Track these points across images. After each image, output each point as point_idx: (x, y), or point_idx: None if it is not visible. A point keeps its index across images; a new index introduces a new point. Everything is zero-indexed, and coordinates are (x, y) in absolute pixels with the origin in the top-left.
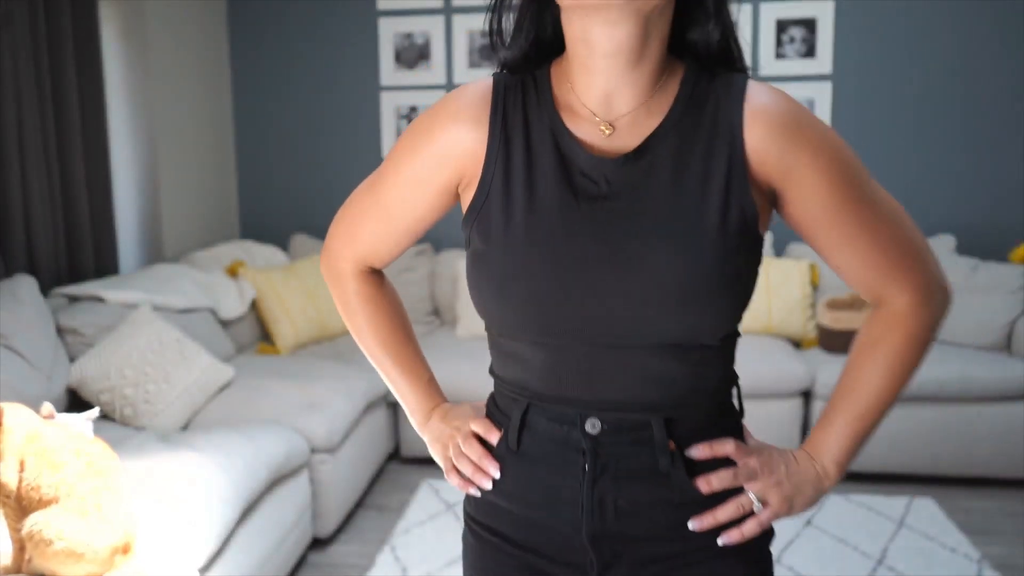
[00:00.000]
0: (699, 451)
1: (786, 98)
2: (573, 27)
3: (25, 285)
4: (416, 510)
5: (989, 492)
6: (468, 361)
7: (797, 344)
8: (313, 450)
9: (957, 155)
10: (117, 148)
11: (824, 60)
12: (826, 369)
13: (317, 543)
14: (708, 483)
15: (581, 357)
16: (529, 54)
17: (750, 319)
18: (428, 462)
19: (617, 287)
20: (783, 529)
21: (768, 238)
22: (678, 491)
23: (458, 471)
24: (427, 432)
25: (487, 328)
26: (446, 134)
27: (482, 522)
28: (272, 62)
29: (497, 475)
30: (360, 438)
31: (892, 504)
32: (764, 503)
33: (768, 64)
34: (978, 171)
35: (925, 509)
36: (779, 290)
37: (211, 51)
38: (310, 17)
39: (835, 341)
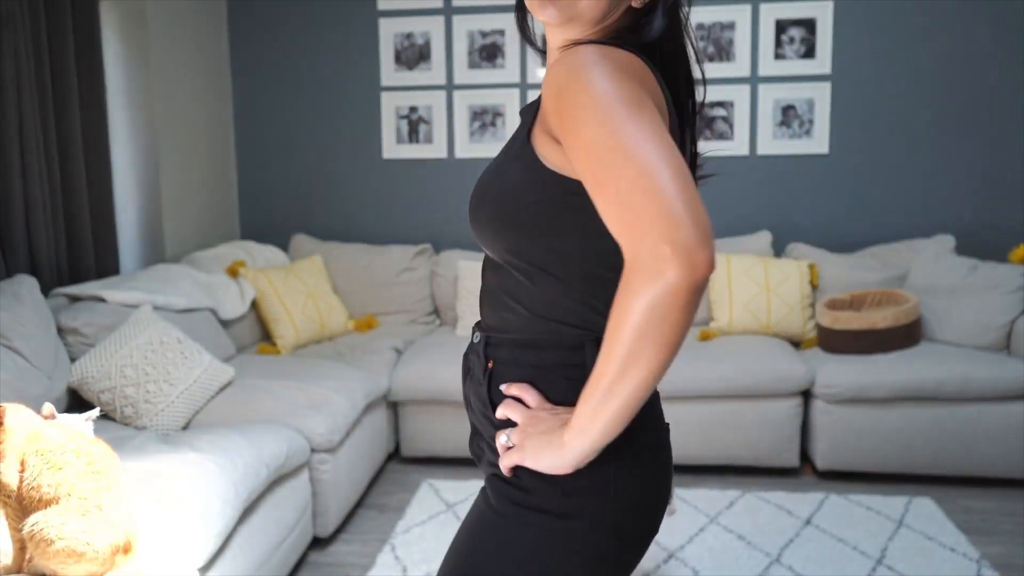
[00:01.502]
0: (507, 389)
1: (564, 52)
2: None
3: (26, 285)
4: (416, 510)
5: (988, 492)
6: None
7: (796, 344)
8: (313, 450)
9: (956, 155)
10: (117, 148)
11: (823, 60)
12: (826, 369)
13: (317, 543)
14: (497, 412)
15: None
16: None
17: (749, 319)
18: (428, 462)
19: (471, 202)
20: (782, 528)
21: (767, 238)
22: (483, 404)
23: None
24: None
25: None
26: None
27: None
28: (272, 62)
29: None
30: (360, 438)
31: (891, 504)
32: (514, 444)
33: (767, 64)
34: (977, 171)
35: (924, 509)
36: (778, 290)
37: (211, 51)
38: (310, 17)
39: (835, 341)
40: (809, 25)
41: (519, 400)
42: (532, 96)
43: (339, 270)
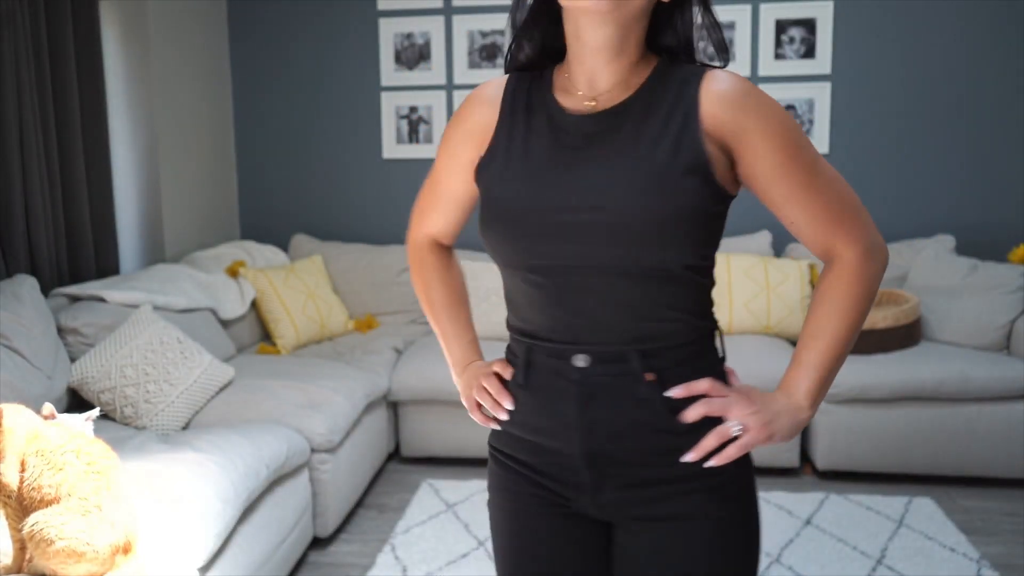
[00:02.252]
0: (676, 391)
1: (739, 77)
2: (569, 26)
3: (26, 285)
4: (416, 510)
5: (988, 492)
6: None
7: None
8: (313, 450)
9: (956, 155)
10: (118, 148)
11: (823, 60)
12: None
13: (317, 543)
14: (685, 415)
15: (565, 292)
16: (534, 59)
17: (750, 319)
18: (428, 462)
19: (576, 215)
20: (782, 528)
21: (767, 238)
22: (657, 418)
23: (480, 409)
24: (460, 381)
25: (503, 276)
26: (471, 115)
27: (502, 450)
28: (272, 62)
29: (511, 406)
30: (360, 438)
31: (891, 504)
32: (745, 430)
33: (767, 64)
34: (977, 171)
35: (924, 509)
36: (778, 290)
37: (211, 51)
38: (310, 17)
39: None
40: (809, 25)
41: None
42: None
43: (339, 270)
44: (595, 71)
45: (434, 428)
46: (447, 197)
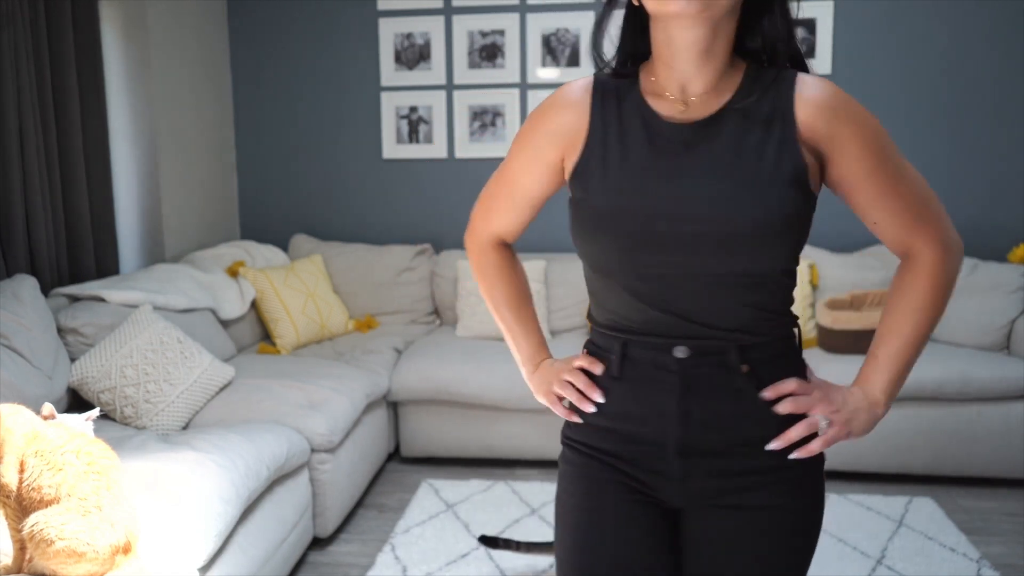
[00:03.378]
0: (767, 393)
1: (829, 84)
2: (658, 31)
3: (26, 285)
4: (416, 510)
5: (988, 492)
6: (468, 361)
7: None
8: (313, 450)
9: (956, 155)
10: (118, 148)
11: (824, 60)
12: (826, 369)
13: (317, 543)
14: (777, 407)
15: (664, 292)
16: (625, 63)
17: None
18: (428, 462)
19: (692, 224)
20: None
21: None
22: (751, 408)
23: (561, 402)
24: (534, 380)
25: (587, 275)
26: (556, 118)
27: (581, 441)
28: (272, 62)
29: (601, 399)
30: (360, 438)
31: (892, 504)
32: (828, 427)
33: None
34: (977, 171)
35: (924, 509)
36: None
37: (211, 51)
38: (310, 17)
39: (835, 341)
40: (809, 25)
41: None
42: (532, 96)
43: (339, 270)
44: (687, 75)
45: (434, 428)
46: (521, 196)
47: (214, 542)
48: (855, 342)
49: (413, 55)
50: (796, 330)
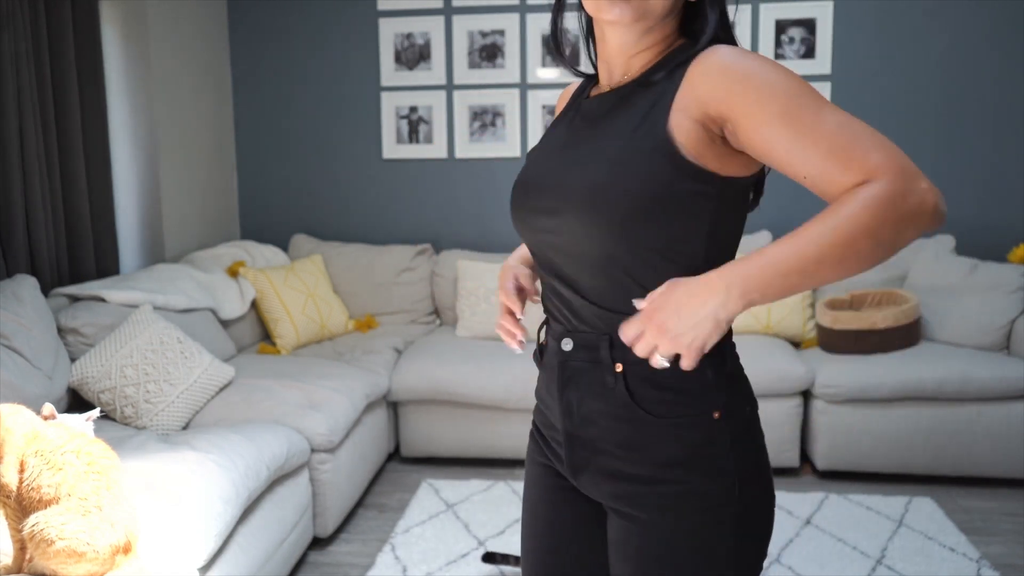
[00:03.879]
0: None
1: (731, 48)
2: (597, 29)
3: (26, 285)
4: (416, 510)
5: (988, 492)
6: (468, 361)
7: (796, 344)
8: (313, 450)
9: (956, 155)
10: (118, 148)
11: (823, 60)
12: (826, 369)
13: (317, 543)
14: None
15: (551, 276)
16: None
17: (750, 319)
18: (428, 462)
19: (549, 191)
20: (782, 528)
21: (767, 238)
22: (622, 408)
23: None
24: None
25: None
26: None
27: (536, 421)
28: (272, 62)
29: (522, 338)
30: (360, 438)
31: (891, 504)
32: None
33: None
34: (977, 171)
35: (924, 509)
36: None
37: (212, 51)
38: (310, 17)
39: (835, 341)
40: (809, 25)
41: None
42: (532, 96)
43: (339, 270)
44: (614, 65)
45: (434, 428)
46: None
47: (214, 542)
48: (855, 342)
49: (413, 55)
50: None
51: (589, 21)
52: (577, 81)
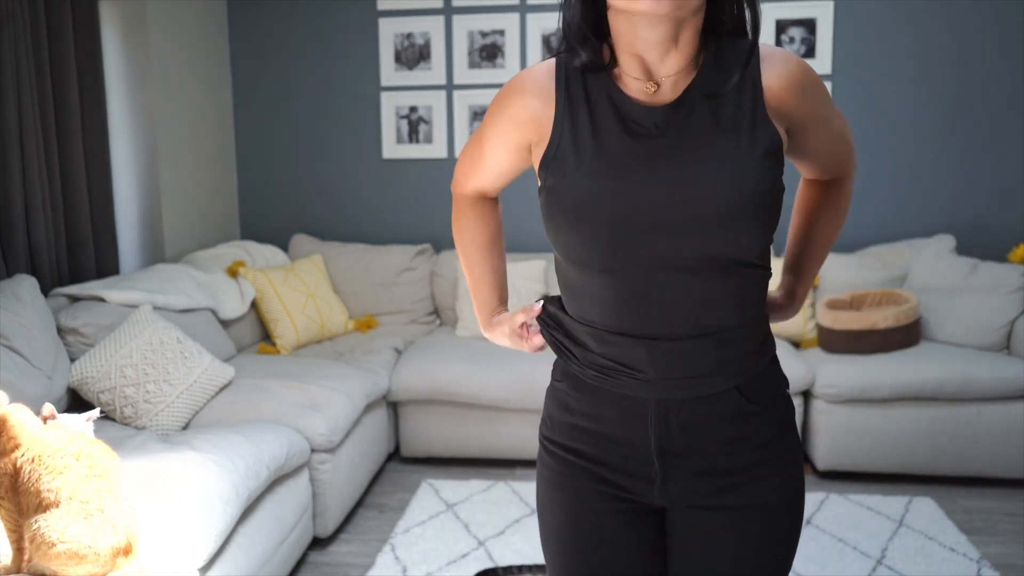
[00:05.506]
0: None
1: (794, 56)
2: (620, 24)
3: (26, 285)
4: (416, 510)
5: (988, 492)
6: (468, 361)
7: (797, 344)
8: (313, 450)
9: (956, 155)
10: (118, 148)
11: (824, 60)
12: (826, 369)
13: (317, 543)
14: None
15: (641, 282)
16: (583, 43)
17: None
18: (428, 462)
19: (669, 210)
20: None
21: None
22: (727, 405)
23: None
24: (488, 333)
25: (559, 267)
26: (519, 104)
27: (559, 442)
28: (272, 62)
29: (540, 343)
30: (360, 438)
31: (892, 504)
32: None
33: None
34: (977, 171)
35: (925, 509)
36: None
37: (212, 51)
38: (310, 17)
39: (835, 341)
40: (809, 25)
41: None
42: None
43: (339, 270)
44: (654, 63)
45: (434, 428)
46: (492, 168)
47: (214, 542)
48: (855, 342)
49: (413, 55)
50: (768, 325)
51: (589, 11)
52: (541, 65)
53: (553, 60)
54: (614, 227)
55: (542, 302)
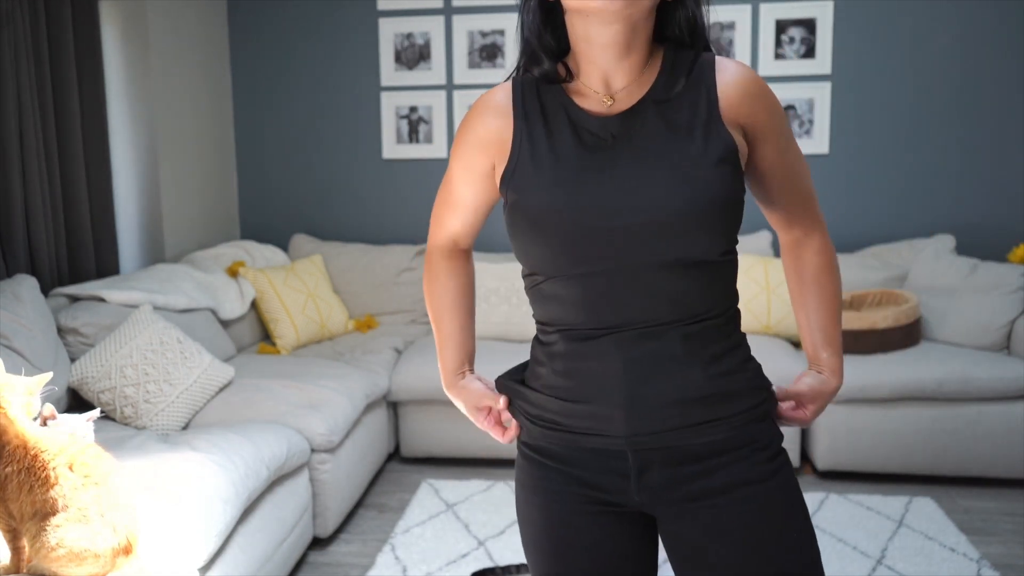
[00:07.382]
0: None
1: (745, 66)
2: (576, 28)
3: (26, 285)
4: (416, 510)
5: (988, 492)
6: None
7: (796, 344)
8: (313, 450)
9: (956, 155)
10: (118, 148)
11: (823, 60)
12: None
13: (317, 543)
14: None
15: (606, 285)
16: (539, 60)
17: (750, 319)
18: (428, 462)
19: (626, 216)
20: None
21: (767, 239)
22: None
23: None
24: (450, 394)
25: (527, 276)
26: (480, 125)
27: (534, 446)
28: (272, 62)
29: (508, 441)
30: (360, 438)
31: (891, 504)
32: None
33: (767, 64)
34: (977, 171)
35: (924, 509)
36: (778, 290)
37: (211, 51)
38: (310, 17)
39: None
40: (809, 25)
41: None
42: None
43: (339, 270)
44: (608, 70)
45: (434, 428)
46: (463, 204)
47: (214, 542)
48: (855, 342)
49: (413, 55)
50: (737, 311)
51: (544, 15)
52: (500, 86)
53: (510, 81)
54: (575, 236)
55: (504, 397)
